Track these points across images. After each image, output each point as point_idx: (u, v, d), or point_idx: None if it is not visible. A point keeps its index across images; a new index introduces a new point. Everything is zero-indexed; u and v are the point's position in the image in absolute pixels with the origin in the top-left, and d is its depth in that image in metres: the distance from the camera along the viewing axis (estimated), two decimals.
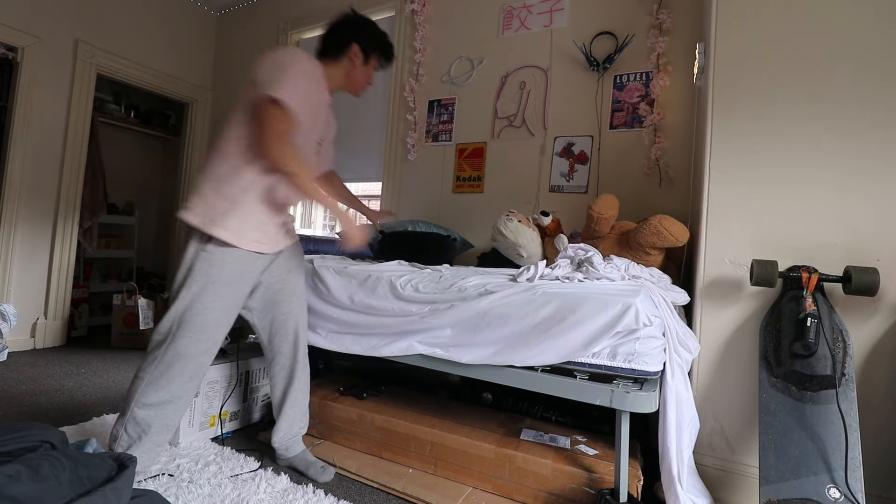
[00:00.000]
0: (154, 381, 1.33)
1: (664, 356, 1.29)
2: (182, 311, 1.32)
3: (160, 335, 1.34)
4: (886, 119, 1.35)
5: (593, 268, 1.47)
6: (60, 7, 3.06)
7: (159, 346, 1.34)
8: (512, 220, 1.87)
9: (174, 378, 1.34)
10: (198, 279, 1.32)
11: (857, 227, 1.36)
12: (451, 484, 1.52)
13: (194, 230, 1.34)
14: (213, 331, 1.36)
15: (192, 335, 1.33)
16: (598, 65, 2.32)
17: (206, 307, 1.33)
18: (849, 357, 1.29)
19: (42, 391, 2.22)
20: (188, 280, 1.32)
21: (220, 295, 1.35)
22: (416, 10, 2.89)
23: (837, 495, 1.18)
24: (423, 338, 1.51)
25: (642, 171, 2.20)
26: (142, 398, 1.32)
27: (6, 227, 2.88)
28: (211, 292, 1.33)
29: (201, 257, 1.33)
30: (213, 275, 1.33)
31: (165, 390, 1.34)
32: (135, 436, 1.33)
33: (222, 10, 4.00)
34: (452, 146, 2.76)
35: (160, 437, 1.36)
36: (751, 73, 1.50)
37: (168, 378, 1.33)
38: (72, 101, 3.12)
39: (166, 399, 1.34)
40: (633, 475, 1.37)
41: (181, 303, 1.32)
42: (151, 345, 1.36)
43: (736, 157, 1.50)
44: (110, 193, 3.75)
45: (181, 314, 1.32)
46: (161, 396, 1.33)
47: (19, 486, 0.73)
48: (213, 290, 1.34)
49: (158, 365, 1.33)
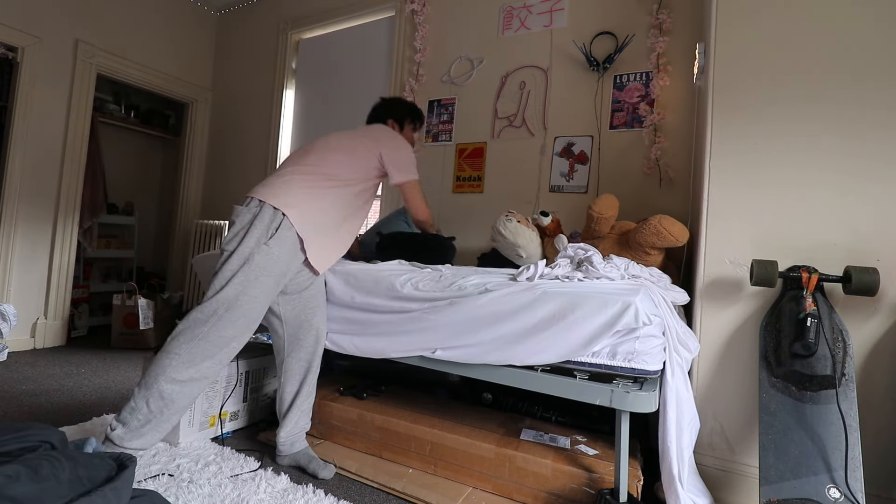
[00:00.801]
0: (190, 358, 1.38)
1: (664, 355, 1.29)
2: (234, 296, 1.40)
3: (204, 315, 1.39)
4: (886, 119, 1.35)
5: (593, 267, 1.46)
6: (60, 7, 3.06)
7: (202, 324, 1.39)
8: (511, 220, 1.87)
9: (208, 358, 1.40)
10: (255, 270, 1.41)
11: (857, 227, 1.36)
12: (451, 484, 1.52)
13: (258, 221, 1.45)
14: (253, 320, 1.46)
15: (236, 321, 1.41)
16: (598, 65, 2.32)
17: (255, 297, 1.42)
18: (849, 357, 1.29)
19: (42, 391, 2.22)
20: (245, 269, 1.41)
21: (267, 287, 1.45)
22: (416, 10, 2.89)
23: (837, 495, 1.18)
24: (423, 337, 1.51)
25: (642, 171, 2.20)
26: (173, 374, 1.36)
27: (6, 227, 2.88)
28: (262, 284, 1.43)
29: (262, 251, 1.42)
30: (268, 268, 1.43)
31: (196, 369, 1.39)
32: (156, 410, 1.35)
33: (222, 10, 4.00)
34: (452, 146, 2.76)
35: (178, 415, 1.40)
36: (751, 73, 1.50)
37: (203, 356, 1.39)
38: (72, 101, 3.12)
39: (195, 377, 1.39)
40: (633, 475, 1.37)
41: (234, 289, 1.40)
42: (189, 323, 1.39)
43: (736, 157, 1.50)
44: (110, 193, 3.75)
45: (232, 299, 1.39)
46: (191, 374, 1.38)
47: (19, 486, 0.73)
48: (263, 282, 1.43)
49: (199, 343, 1.38)
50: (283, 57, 3.54)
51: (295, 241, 1.48)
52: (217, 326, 1.39)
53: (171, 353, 1.37)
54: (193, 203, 3.93)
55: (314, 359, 1.67)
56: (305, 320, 1.64)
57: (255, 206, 1.47)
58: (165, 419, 1.37)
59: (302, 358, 1.65)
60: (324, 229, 1.57)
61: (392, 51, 3.02)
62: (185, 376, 1.37)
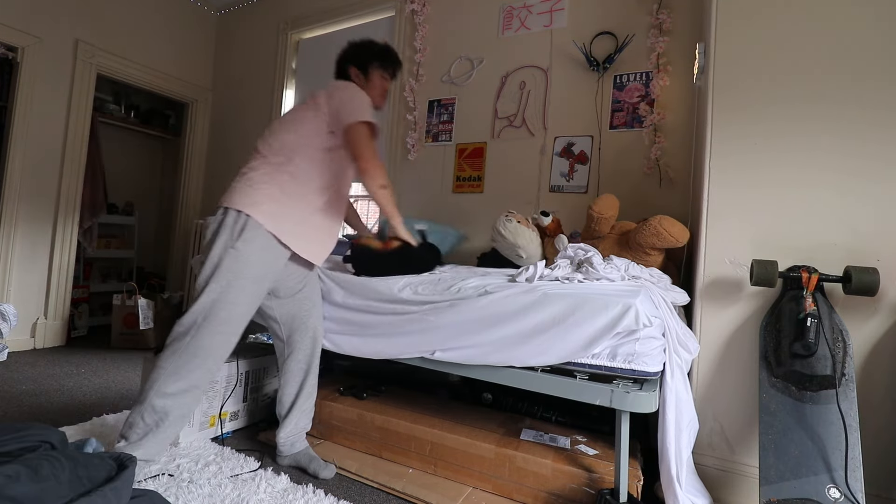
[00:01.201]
0: (175, 371, 1.36)
1: (664, 356, 1.29)
2: (209, 304, 1.37)
3: (183, 327, 1.38)
4: (886, 119, 1.35)
5: (593, 268, 1.46)
6: (60, 7, 3.06)
7: (182, 337, 1.38)
8: (511, 220, 1.87)
9: (195, 369, 1.38)
10: (225, 275, 1.38)
11: (857, 227, 1.36)
12: (451, 484, 1.52)
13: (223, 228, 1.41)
14: (236, 325, 1.42)
15: (216, 328, 1.38)
16: (598, 65, 2.32)
17: (232, 302, 1.39)
18: (849, 357, 1.29)
19: (42, 391, 2.22)
20: (216, 275, 1.38)
21: (246, 291, 1.41)
22: (416, 10, 2.89)
23: (837, 495, 1.18)
24: (423, 338, 1.51)
25: (642, 171, 2.20)
26: (162, 388, 1.36)
27: (6, 227, 2.88)
28: (237, 288, 1.39)
29: (230, 254, 1.39)
30: (240, 271, 1.39)
31: (185, 380, 1.37)
32: (152, 423, 1.35)
33: (222, 10, 4.00)
34: (452, 146, 2.76)
35: (176, 427, 1.40)
36: (751, 73, 1.50)
37: (189, 368, 1.37)
38: (72, 101, 3.12)
39: (185, 388, 1.38)
40: (633, 475, 1.37)
41: (209, 297, 1.37)
42: (173, 336, 1.39)
43: (736, 157, 1.50)
44: (110, 193, 3.75)
45: (208, 308, 1.37)
46: (180, 386, 1.37)
47: (19, 486, 0.73)
48: (239, 286, 1.39)
49: (182, 356, 1.37)
50: (283, 57, 3.54)
51: (267, 239, 1.43)
52: (197, 337, 1.37)
53: (159, 367, 1.37)
54: (193, 203, 3.93)
55: (312, 360, 1.66)
56: (302, 323, 1.63)
57: (220, 214, 1.45)
58: (163, 430, 1.37)
59: (300, 360, 1.65)
60: (296, 218, 1.48)
61: None
62: (175, 389, 1.36)
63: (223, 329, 1.39)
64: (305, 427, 1.67)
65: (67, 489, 0.79)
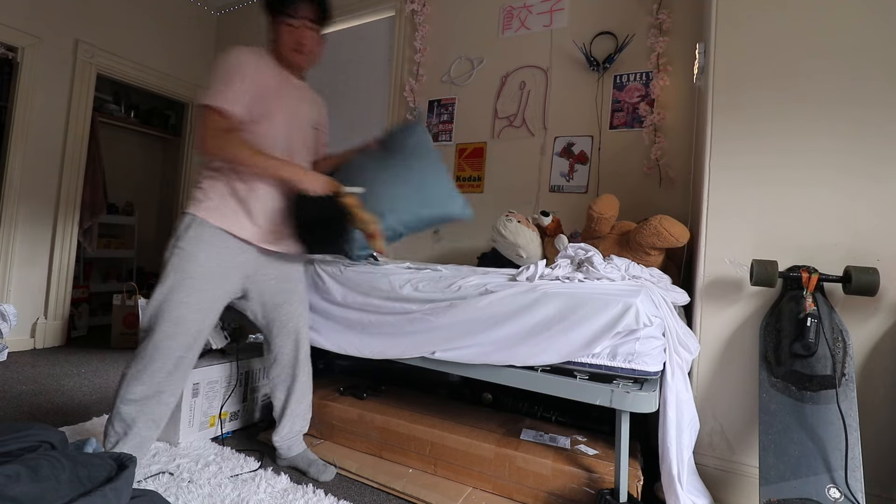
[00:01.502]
0: (136, 376, 1.35)
1: (664, 356, 1.29)
2: (158, 306, 1.35)
3: (142, 331, 1.38)
4: (886, 119, 1.35)
5: (593, 268, 1.47)
6: (60, 7, 3.06)
7: (141, 341, 1.38)
8: (511, 220, 1.87)
9: (155, 373, 1.35)
10: (171, 274, 1.36)
11: (857, 227, 1.36)
12: (451, 484, 1.52)
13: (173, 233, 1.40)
14: (189, 325, 1.37)
15: (169, 329, 1.35)
16: (598, 65, 2.32)
17: (182, 301, 1.35)
18: (849, 357, 1.29)
19: (42, 391, 2.22)
20: (163, 275, 1.37)
21: (196, 290, 1.36)
22: (416, 10, 2.89)
23: (837, 495, 1.18)
24: (424, 338, 1.51)
25: (642, 171, 2.20)
26: (125, 394, 1.34)
27: (6, 227, 2.88)
28: (187, 286, 1.35)
29: (175, 254, 1.36)
30: (187, 269, 1.36)
31: (147, 385, 1.35)
32: (121, 431, 1.34)
33: (222, 10, 3.99)
34: (452, 146, 2.76)
35: (147, 432, 1.37)
36: (751, 73, 1.50)
37: (149, 373, 1.35)
38: (72, 101, 3.12)
39: (148, 394, 1.35)
40: (633, 475, 1.37)
41: (157, 298, 1.36)
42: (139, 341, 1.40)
43: (736, 157, 1.50)
44: (110, 193, 3.74)
45: (157, 309, 1.35)
46: (143, 391, 1.34)
47: (19, 486, 0.73)
48: (188, 285, 1.35)
49: (140, 360, 1.35)
50: None
51: (214, 234, 1.38)
52: (153, 339, 1.34)
53: (123, 375, 1.37)
54: None
55: (297, 366, 1.61)
56: (282, 328, 1.57)
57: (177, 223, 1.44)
58: (133, 438, 1.34)
59: (285, 365, 1.60)
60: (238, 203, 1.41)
61: (392, 51, 3.02)
62: (138, 394, 1.34)
63: (178, 330, 1.35)
64: (302, 429, 1.65)
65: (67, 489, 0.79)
